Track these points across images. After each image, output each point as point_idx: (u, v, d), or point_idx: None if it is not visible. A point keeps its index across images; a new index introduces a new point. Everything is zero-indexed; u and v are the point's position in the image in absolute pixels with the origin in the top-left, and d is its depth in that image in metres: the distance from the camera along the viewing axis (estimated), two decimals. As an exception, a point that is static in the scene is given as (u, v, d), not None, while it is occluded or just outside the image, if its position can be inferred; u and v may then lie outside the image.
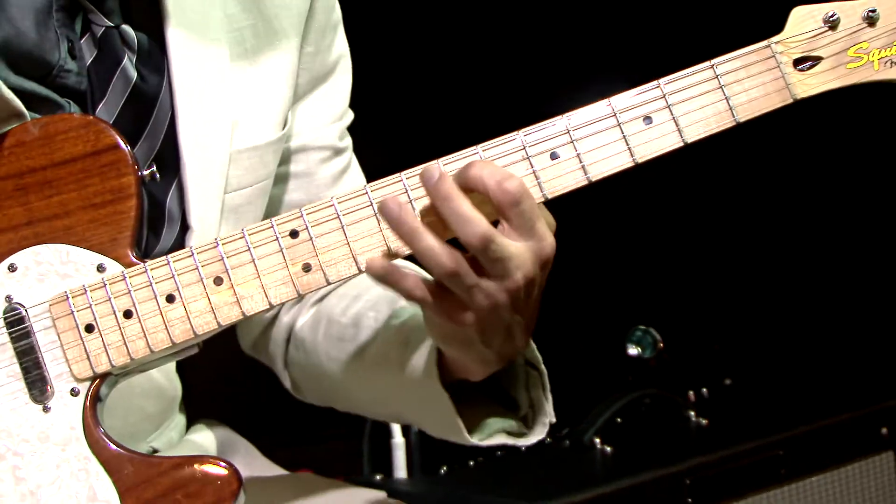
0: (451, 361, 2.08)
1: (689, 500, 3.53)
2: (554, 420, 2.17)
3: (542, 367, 2.14)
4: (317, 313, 2.37)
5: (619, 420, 3.79)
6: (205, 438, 2.49)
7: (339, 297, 2.35)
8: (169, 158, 2.17)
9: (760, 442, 3.69)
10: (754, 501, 3.64)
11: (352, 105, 2.48)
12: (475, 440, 2.13)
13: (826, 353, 4.34)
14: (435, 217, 1.93)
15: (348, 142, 2.48)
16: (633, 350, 4.11)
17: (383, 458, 3.61)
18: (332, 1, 2.40)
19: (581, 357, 4.21)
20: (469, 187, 1.91)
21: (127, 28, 2.15)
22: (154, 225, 2.17)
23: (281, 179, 2.38)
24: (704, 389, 4.09)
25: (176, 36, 2.18)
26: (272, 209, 2.35)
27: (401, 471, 3.62)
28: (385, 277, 1.92)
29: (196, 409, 2.58)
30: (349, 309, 2.31)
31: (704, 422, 3.88)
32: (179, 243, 2.19)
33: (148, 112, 2.16)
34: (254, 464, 2.50)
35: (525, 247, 1.92)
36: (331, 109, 2.43)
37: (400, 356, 2.16)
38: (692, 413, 3.92)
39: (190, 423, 2.54)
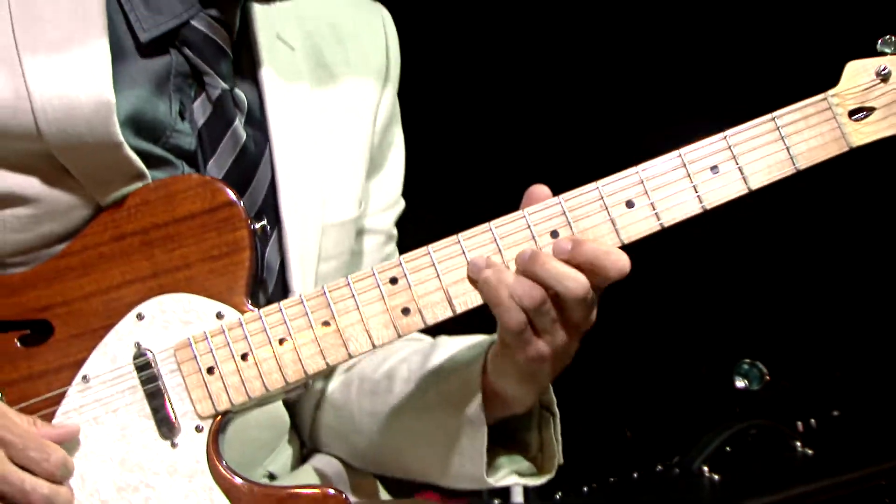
0: (496, 399, 2.28)
1: (795, 526, 3.67)
2: (562, 461, 2.37)
3: (556, 408, 2.35)
4: (347, 377, 2.56)
5: (727, 449, 3.94)
6: (325, 465, 2.64)
7: (368, 361, 2.54)
8: (270, 218, 2.35)
9: (864, 472, 3.79)
10: (858, 529, 3.75)
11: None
12: (490, 480, 2.32)
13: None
14: None
15: (395, 232, 2.68)
16: (740, 383, 4.24)
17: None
18: (395, 94, 2.63)
19: (691, 389, 4.34)
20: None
21: (239, 92, 2.36)
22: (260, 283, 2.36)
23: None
24: (813, 420, 4.18)
25: (275, 109, 2.39)
26: None
27: (518, 496, 3.77)
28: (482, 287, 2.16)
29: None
30: (381, 367, 2.50)
31: (810, 452, 3.99)
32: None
33: (253, 170, 2.37)
34: (370, 490, 2.66)
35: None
36: (388, 195, 2.65)
37: (439, 397, 2.36)
38: (798, 443, 4.03)
39: (312, 450, 2.69)
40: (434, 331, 2.33)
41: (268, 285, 2.38)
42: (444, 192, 3.87)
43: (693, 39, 4.20)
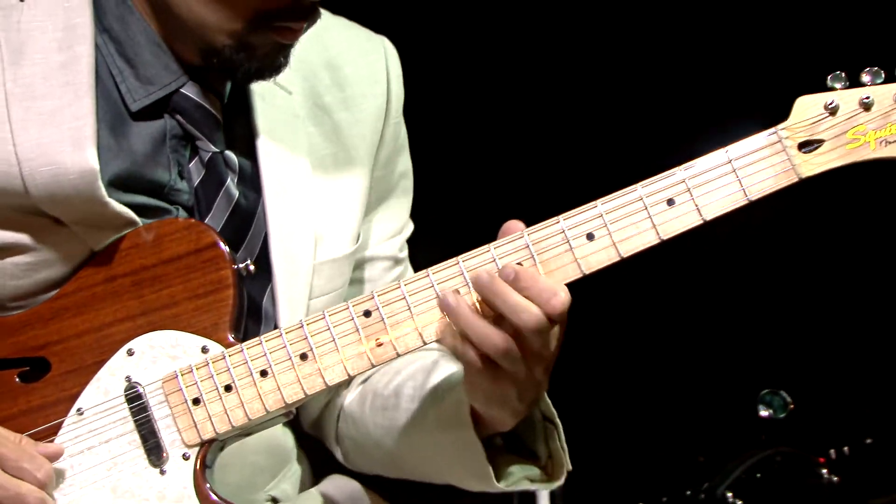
0: (484, 418, 2.39)
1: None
2: (570, 468, 2.47)
3: (557, 420, 2.44)
4: (363, 390, 2.68)
5: (756, 476, 4.01)
6: (334, 488, 2.75)
7: (381, 374, 2.66)
8: (264, 266, 2.49)
9: (887, 499, 3.88)
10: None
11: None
12: (502, 486, 2.43)
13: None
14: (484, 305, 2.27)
15: (406, 252, 2.81)
16: (763, 412, 4.31)
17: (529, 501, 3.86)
18: (398, 127, 2.75)
19: (718, 418, 4.42)
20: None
21: (230, 153, 2.50)
22: (253, 321, 2.48)
23: (351, 283, 2.68)
24: (846, 448, 4.23)
25: (267, 162, 2.52)
26: None
27: None
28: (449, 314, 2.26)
29: (329, 463, 2.83)
30: (391, 383, 2.62)
31: (836, 479, 4.06)
32: None
33: (247, 226, 2.50)
34: None
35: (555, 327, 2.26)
36: (393, 223, 2.78)
37: (436, 414, 2.48)
38: (824, 471, 4.09)
39: (321, 474, 2.80)
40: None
41: (261, 324, 2.51)
42: (452, 206, 3.99)
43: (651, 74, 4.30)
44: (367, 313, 2.31)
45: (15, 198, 2.33)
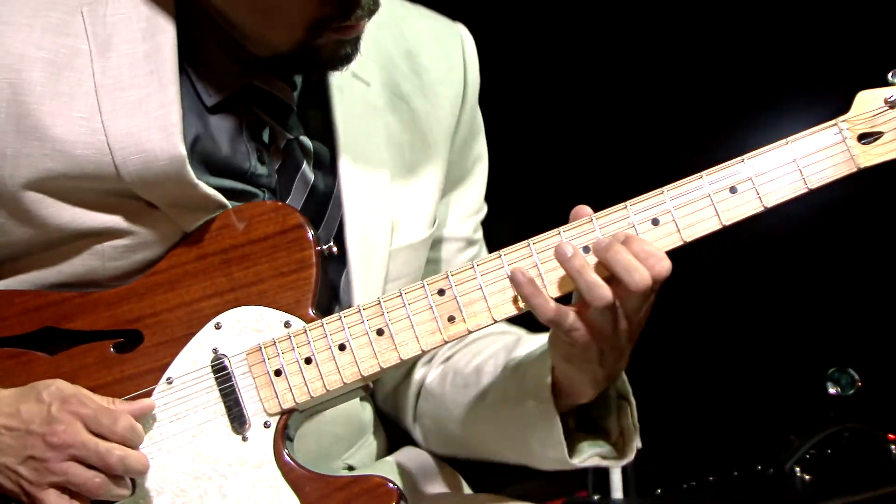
0: (563, 388, 2.50)
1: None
2: (640, 446, 2.57)
3: (632, 398, 2.55)
4: (444, 369, 2.80)
5: (826, 452, 4.06)
6: (408, 458, 2.88)
7: (462, 354, 2.79)
8: (340, 250, 2.61)
9: None
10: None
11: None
12: (574, 461, 2.54)
13: None
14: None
15: (480, 234, 2.92)
16: (832, 389, 4.36)
17: (603, 480, 3.93)
18: (474, 112, 2.86)
19: (787, 396, 4.47)
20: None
21: (304, 139, 2.63)
22: (329, 302, 2.61)
23: (427, 262, 2.80)
24: None
25: (345, 151, 2.65)
26: None
27: (618, 492, 3.93)
28: (523, 295, 2.37)
29: (403, 437, 2.95)
30: (472, 361, 2.74)
31: None
32: None
33: (323, 209, 2.63)
34: (454, 484, 2.90)
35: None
36: (468, 205, 2.89)
37: (518, 389, 2.58)
38: (892, 447, 4.13)
39: (397, 446, 2.93)
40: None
41: (338, 304, 2.64)
42: (525, 191, 4.07)
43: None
44: (441, 292, 2.43)
45: (111, 183, 2.47)
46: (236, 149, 2.60)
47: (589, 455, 2.56)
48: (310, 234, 2.50)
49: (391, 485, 2.40)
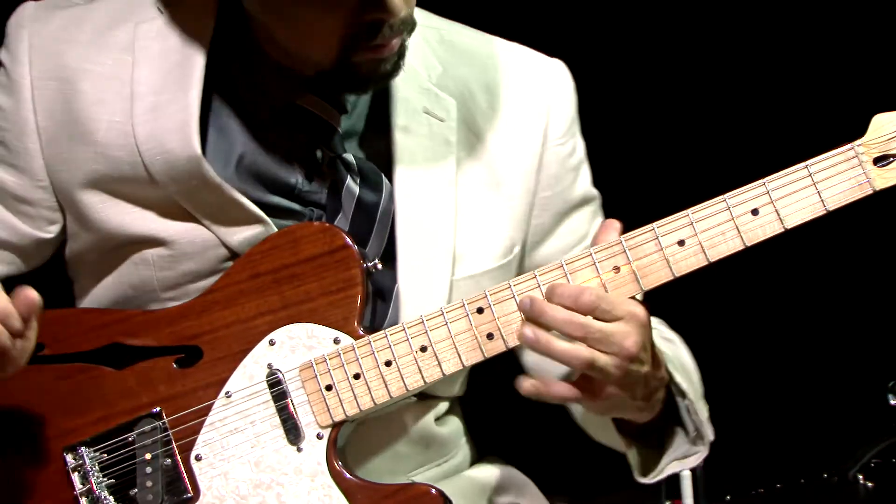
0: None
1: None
2: (712, 437, 2.73)
3: (683, 396, 2.68)
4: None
5: (887, 460, 4.19)
6: (482, 475, 2.99)
7: None
8: (393, 263, 2.73)
9: None
10: None
11: None
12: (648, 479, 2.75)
13: None
14: None
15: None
16: (893, 401, 4.46)
17: (674, 487, 4.09)
18: (566, 149, 2.87)
19: (850, 407, 4.61)
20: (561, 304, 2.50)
21: (347, 155, 2.73)
22: (376, 311, 2.75)
23: None
24: None
25: (403, 174, 2.74)
26: None
27: (689, 499, 4.00)
28: (539, 397, 2.54)
29: (484, 446, 3.06)
30: None
31: None
32: None
33: (371, 220, 2.75)
34: (533, 500, 3.03)
35: (618, 323, 2.49)
36: (573, 235, 2.91)
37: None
38: None
39: (477, 460, 3.03)
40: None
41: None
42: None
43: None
44: (480, 310, 2.58)
45: (148, 186, 2.67)
46: (284, 165, 2.74)
47: (664, 466, 2.73)
48: (356, 252, 2.65)
49: (434, 490, 2.59)
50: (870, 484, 4.09)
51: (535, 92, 2.86)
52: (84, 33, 2.74)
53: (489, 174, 2.81)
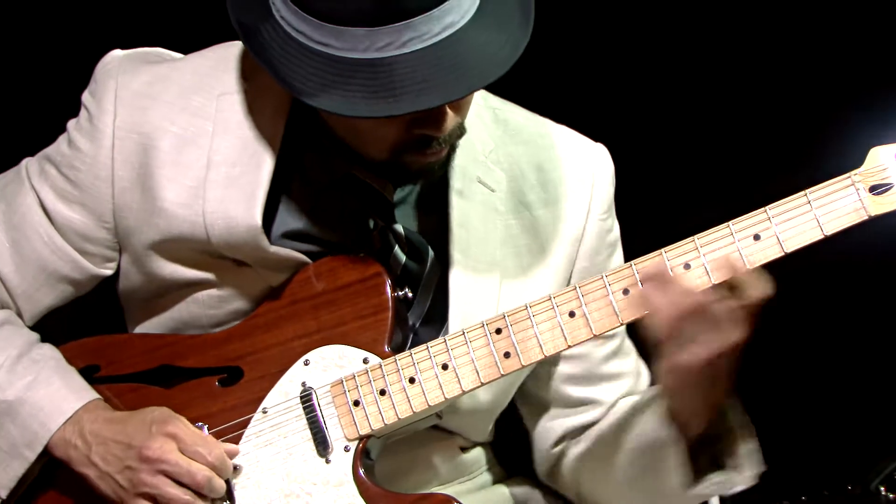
0: (677, 419, 2.75)
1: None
2: (762, 469, 2.82)
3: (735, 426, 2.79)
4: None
5: None
6: (506, 491, 3.13)
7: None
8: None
9: None
10: None
11: None
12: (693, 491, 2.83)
13: None
14: None
15: (622, 329, 3.05)
16: None
17: None
18: (606, 225, 3.04)
19: (873, 419, 4.65)
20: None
21: (397, 226, 2.91)
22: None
23: (562, 356, 3.02)
24: None
25: (457, 248, 2.91)
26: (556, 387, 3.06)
27: None
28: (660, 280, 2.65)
29: (511, 467, 3.19)
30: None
31: None
32: None
33: (415, 286, 2.92)
34: None
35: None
36: None
37: (641, 428, 2.87)
38: None
39: (504, 479, 3.17)
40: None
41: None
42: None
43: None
44: (499, 331, 2.75)
45: (202, 244, 2.85)
46: (337, 229, 2.92)
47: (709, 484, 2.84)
48: (387, 281, 2.84)
49: (454, 501, 2.73)
50: (892, 496, 4.12)
51: (582, 171, 3.03)
52: (169, 93, 2.92)
53: (534, 241, 2.99)
